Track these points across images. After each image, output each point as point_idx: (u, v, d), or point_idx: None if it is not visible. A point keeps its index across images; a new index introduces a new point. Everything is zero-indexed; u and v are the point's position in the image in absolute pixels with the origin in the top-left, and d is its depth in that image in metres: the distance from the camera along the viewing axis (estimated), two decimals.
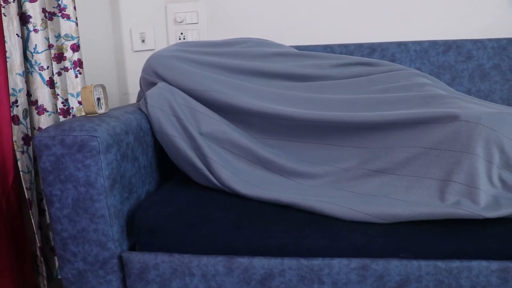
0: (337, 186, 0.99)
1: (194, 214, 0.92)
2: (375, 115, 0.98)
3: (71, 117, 1.27)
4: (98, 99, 1.01)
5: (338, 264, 0.86)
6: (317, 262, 0.87)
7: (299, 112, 1.03)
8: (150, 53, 1.69)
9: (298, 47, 1.50)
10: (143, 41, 1.68)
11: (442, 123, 0.92)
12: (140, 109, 1.12)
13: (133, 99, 1.74)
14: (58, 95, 1.25)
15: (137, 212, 0.94)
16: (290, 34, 1.59)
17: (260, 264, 0.87)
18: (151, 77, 1.18)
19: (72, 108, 1.26)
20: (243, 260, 0.88)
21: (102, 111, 1.02)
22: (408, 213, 0.85)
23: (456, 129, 0.91)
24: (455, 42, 1.47)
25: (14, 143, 1.11)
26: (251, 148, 1.05)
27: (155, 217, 0.92)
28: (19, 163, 1.13)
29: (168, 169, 1.20)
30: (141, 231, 0.93)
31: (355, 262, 0.86)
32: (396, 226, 0.87)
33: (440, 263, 0.84)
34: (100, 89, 1.02)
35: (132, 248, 0.98)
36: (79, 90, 1.26)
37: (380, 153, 0.98)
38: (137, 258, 0.92)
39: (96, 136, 0.88)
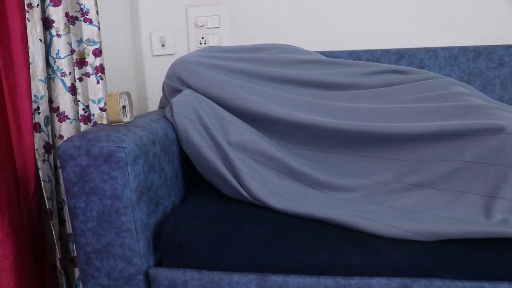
0: (374, 200, 0.94)
1: (225, 228, 0.88)
2: (414, 126, 0.93)
3: (92, 124, 1.23)
4: (124, 107, 0.98)
5: (378, 283, 0.82)
6: (355, 281, 0.82)
7: (333, 122, 0.98)
8: (170, 57, 1.65)
9: (322, 53, 1.45)
10: (163, 45, 1.65)
11: (486, 135, 0.88)
12: (165, 117, 1.09)
13: (152, 104, 1.71)
14: (79, 101, 1.21)
15: (165, 226, 0.91)
16: (313, 40, 1.55)
17: (295, 282, 0.83)
18: (176, 83, 1.14)
19: (93, 114, 1.23)
20: (277, 278, 0.83)
21: (127, 119, 0.99)
22: (452, 230, 0.81)
23: (501, 142, 0.86)
24: (485, 48, 1.42)
25: (36, 151, 1.08)
26: (282, 159, 1.00)
27: (184, 231, 0.88)
28: (40, 172, 1.10)
29: (193, 179, 1.16)
30: (169, 246, 0.89)
31: (395, 282, 0.81)
32: (439, 244, 0.82)
33: (487, 285, 0.79)
34: (126, 97, 0.99)
35: (158, 263, 0.94)
36: (101, 96, 1.23)
37: (419, 166, 0.93)
38: (165, 275, 0.88)
39: (124, 147, 0.85)
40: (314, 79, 1.14)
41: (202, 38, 1.62)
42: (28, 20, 1.08)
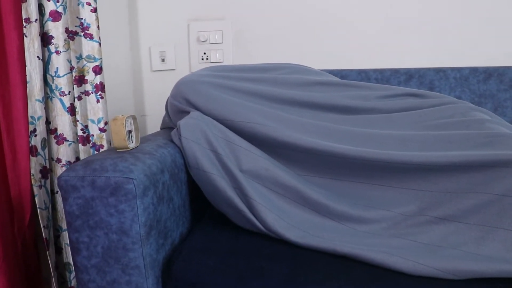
0: (396, 233, 0.89)
1: (240, 265, 0.81)
2: (438, 155, 0.88)
3: (90, 145, 1.16)
4: (129, 131, 0.91)
5: None
6: None
7: (351, 149, 0.93)
8: (170, 73, 1.59)
9: (330, 72, 1.41)
10: (163, 60, 1.59)
11: None
12: (172, 141, 1.02)
13: (150, 121, 1.64)
14: (78, 121, 1.14)
15: (175, 262, 0.84)
16: (321, 58, 1.51)
17: None
18: (181, 104, 1.07)
19: (92, 135, 1.16)
20: None
21: (133, 145, 0.92)
22: (485, 269, 0.76)
23: None
24: (496, 69, 1.39)
25: (32, 177, 1.00)
26: (298, 188, 0.95)
27: (196, 268, 0.82)
28: (36, 199, 1.02)
29: (200, 206, 1.10)
30: (180, 284, 0.82)
31: None
32: (469, 283, 0.77)
33: None
34: (131, 120, 0.93)
35: None
36: (100, 116, 1.16)
37: (443, 198, 0.88)
38: None
39: (132, 178, 0.78)
40: (328, 102, 1.09)
41: (204, 53, 1.56)
42: (26, 36, 1.00)
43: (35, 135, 1.04)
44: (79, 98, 1.14)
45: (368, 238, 0.89)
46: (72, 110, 1.11)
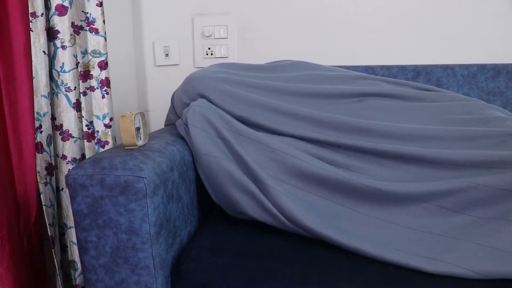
0: (414, 225, 0.87)
1: (253, 267, 0.80)
2: (458, 153, 0.87)
3: (95, 141, 1.14)
4: (138, 128, 0.90)
5: None
6: None
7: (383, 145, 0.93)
8: (174, 68, 1.57)
9: (338, 67, 1.40)
10: (166, 55, 1.56)
11: None
12: (181, 138, 1.01)
13: (154, 116, 1.62)
14: (83, 117, 1.12)
15: (185, 262, 0.83)
16: (327, 54, 1.49)
17: None
18: (193, 100, 1.05)
19: (97, 131, 1.14)
20: None
21: (141, 142, 0.91)
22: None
23: None
24: (505, 66, 1.38)
25: (37, 174, 0.99)
26: (314, 172, 0.92)
27: (207, 269, 0.81)
28: (42, 196, 1.00)
29: (206, 204, 1.09)
30: (190, 284, 0.81)
31: None
32: (481, 283, 0.77)
33: None
34: (140, 117, 0.91)
35: None
36: (106, 112, 1.14)
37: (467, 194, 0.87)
38: None
39: (143, 177, 0.77)
40: (343, 92, 1.07)
41: (209, 48, 1.54)
42: (32, 31, 0.98)
43: (41, 132, 1.02)
44: (84, 93, 1.12)
45: (383, 228, 0.87)
46: (77, 106, 1.09)
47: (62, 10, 1.04)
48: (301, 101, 1.04)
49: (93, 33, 1.11)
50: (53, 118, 1.08)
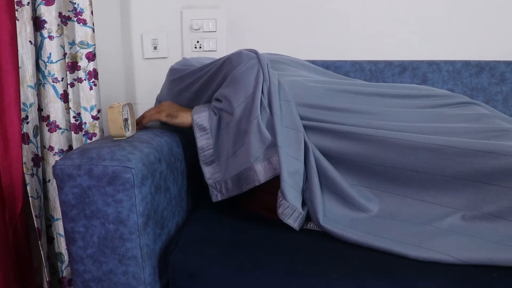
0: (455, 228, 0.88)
1: (241, 257, 0.81)
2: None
3: (83, 133, 1.14)
4: (126, 119, 0.90)
5: None
6: None
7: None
8: (162, 61, 1.56)
9: (324, 62, 1.41)
10: (155, 48, 1.56)
11: None
12: (167, 130, 1.00)
13: (142, 109, 1.61)
14: (70, 108, 1.12)
15: (173, 252, 0.83)
16: (315, 49, 1.50)
17: None
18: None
19: (85, 123, 1.13)
20: None
21: (129, 133, 0.91)
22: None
23: None
24: (488, 63, 1.41)
25: (24, 165, 0.98)
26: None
27: (195, 259, 0.81)
28: (28, 187, 1.00)
29: (194, 196, 1.09)
30: (178, 274, 0.81)
31: None
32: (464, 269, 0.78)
33: None
34: (127, 108, 0.91)
35: None
36: (93, 103, 1.13)
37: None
38: None
39: (131, 167, 0.77)
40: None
41: (197, 41, 1.54)
42: (17, 20, 0.97)
43: (27, 122, 1.01)
44: (72, 85, 1.12)
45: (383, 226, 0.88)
46: (65, 97, 1.09)
47: None
48: None
49: (81, 24, 1.10)
50: (40, 109, 1.07)
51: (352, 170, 0.94)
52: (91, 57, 1.12)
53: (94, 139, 1.14)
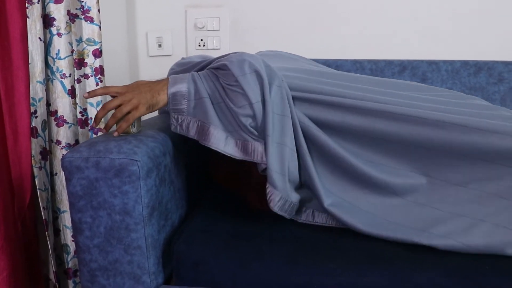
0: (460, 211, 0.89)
1: (243, 248, 0.84)
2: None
3: (89, 128, 1.17)
4: None
5: None
6: None
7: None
8: (167, 58, 1.59)
9: (325, 61, 1.43)
10: (159, 45, 1.59)
11: None
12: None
13: None
14: (77, 104, 1.15)
15: (177, 243, 0.86)
16: (316, 48, 1.52)
17: None
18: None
19: (91, 118, 1.16)
20: None
21: (135, 129, 0.94)
22: None
23: None
24: (486, 63, 1.43)
25: (32, 158, 1.01)
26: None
27: (199, 249, 0.84)
28: (36, 180, 1.03)
29: (198, 190, 1.12)
30: (182, 264, 0.84)
31: None
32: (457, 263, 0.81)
33: None
34: None
35: (167, 281, 0.90)
36: (99, 99, 1.16)
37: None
38: None
39: (137, 160, 0.80)
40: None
41: (201, 40, 1.57)
42: (28, 17, 1.00)
43: (36, 117, 1.04)
44: (79, 81, 1.15)
45: (397, 209, 0.91)
46: (72, 93, 1.12)
47: None
48: None
49: (88, 21, 1.13)
50: (48, 104, 1.10)
51: (357, 144, 0.94)
52: (98, 54, 1.15)
53: (99, 134, 1.17)
